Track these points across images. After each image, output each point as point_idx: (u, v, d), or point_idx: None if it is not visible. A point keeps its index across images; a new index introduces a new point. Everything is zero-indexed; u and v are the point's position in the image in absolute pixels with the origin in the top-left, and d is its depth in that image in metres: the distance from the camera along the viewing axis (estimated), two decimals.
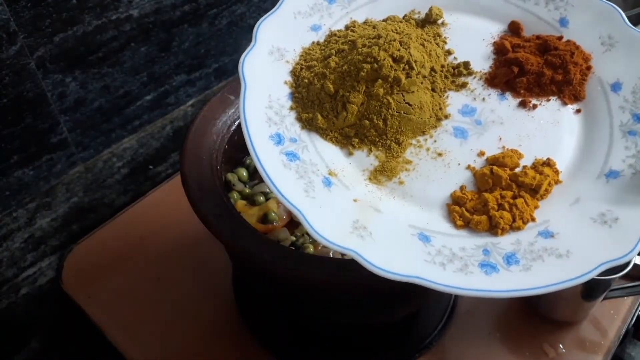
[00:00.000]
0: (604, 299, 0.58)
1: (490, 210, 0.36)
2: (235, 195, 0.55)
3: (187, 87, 0.78)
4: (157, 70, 0.71)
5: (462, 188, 0.38)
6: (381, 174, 0.39)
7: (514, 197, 0.36)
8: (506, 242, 0.35)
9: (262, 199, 0.54)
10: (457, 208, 0.37)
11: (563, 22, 0.46)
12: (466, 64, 0.43)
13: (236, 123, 0.54)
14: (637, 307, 0.62)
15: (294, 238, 0.52)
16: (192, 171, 0.46)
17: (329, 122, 0.39)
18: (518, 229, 0.35)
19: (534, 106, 0.42)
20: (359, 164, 0.39)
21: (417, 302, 0.51)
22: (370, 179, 0.38)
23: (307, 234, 0.52)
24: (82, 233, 0.72)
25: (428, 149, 0.40)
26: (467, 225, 0.36)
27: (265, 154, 0.36)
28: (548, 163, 0.38)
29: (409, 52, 0.39)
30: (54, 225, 0.69)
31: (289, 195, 0.34)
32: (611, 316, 0.60)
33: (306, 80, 0.40)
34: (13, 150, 0.60)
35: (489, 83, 0.43)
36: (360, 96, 0.39)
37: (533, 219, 0.36)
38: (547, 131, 0.40)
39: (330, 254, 0.49)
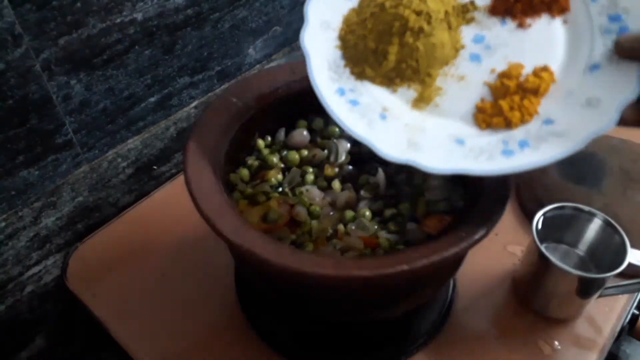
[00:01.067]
0: (599, 296, 0.59)
1: (504, 112, 0.46)
2: (237, 195, 0.56)
3: (191, 89, 0.78)
4: (161, 73, 0.72)
5: (482, 100, 0.48)
6: (420, 101, 0.49)
7: (521, 99, 0.46)
8: (519, 133, 0.45)
9: (263, 198, 0.55)
10: (480, 115, 0.47)
11: None
12: (472, 2, 0.51)
13: (238, 124, 0.55)
14: (632, 305, 0.62)
15: (294, 237, 0.52)
16: (195, 171, 0.47)
17: (375, 71, 0.49)
18: (527, 122, 0.46)
19: (529, 25, 0.49)
20: (403, 97, 0.49)
21: (415, 299, 0.52)
22: (413, 106, 0.49)
23: (308, 232, 0.53)
24: (87, 232, 0.73)
25: (452, 75, 0.49)
26: (489, 126, 0.47)
27: (336, 105, 0.47)
28: (545, 68, 0.47)
29: (427, 5, 0.48)
30: (59, 224, 0.70)
31: (358, 131, 0.46)
32: (606, 313, 0.61)
33: (352, 42, 0.50)
34: (19, 150, 0.60)
35: (491, 13, 0.51)
36: (395, 47, 0.48)
37: (537, 113, 0.46)
38: (542, 43, 0.48)
39: (330, 252, 0.50)
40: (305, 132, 0.61)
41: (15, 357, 0.72)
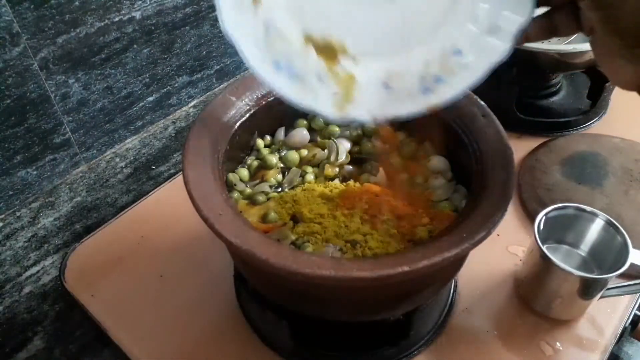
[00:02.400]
0: (601, 297, 0.58)
1: None
2: (236, 195, 0.55)
3: (189, 88, 0.78)
4: (160, 72, 0.72)
5: None
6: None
7: None
8: (434, 67, 0.46)
9: (262, 198, 0.55)
10: None
11: None
12: None
13: (237, 124, 0.54)
14: (634, 306, 0.62)
15: (294, 237, 0.52)
16: (194, 171, 0.47)
17: None
18: None
19: None
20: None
21: (416, 300, 0.52)
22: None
23: (308, 233, 0.53)
24: (85, 232, 0.73)
25: None
26: None
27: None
28: None
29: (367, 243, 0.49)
30: (57, 225, 0.69)
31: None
32: (608, 314, 0.61)
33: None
34: (17, 150, 0.60)
35: None
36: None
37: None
38: None
39: (329, 253, 0.50)
40: (305, 132, 0.60)
41: (14, 357, 0.72)
